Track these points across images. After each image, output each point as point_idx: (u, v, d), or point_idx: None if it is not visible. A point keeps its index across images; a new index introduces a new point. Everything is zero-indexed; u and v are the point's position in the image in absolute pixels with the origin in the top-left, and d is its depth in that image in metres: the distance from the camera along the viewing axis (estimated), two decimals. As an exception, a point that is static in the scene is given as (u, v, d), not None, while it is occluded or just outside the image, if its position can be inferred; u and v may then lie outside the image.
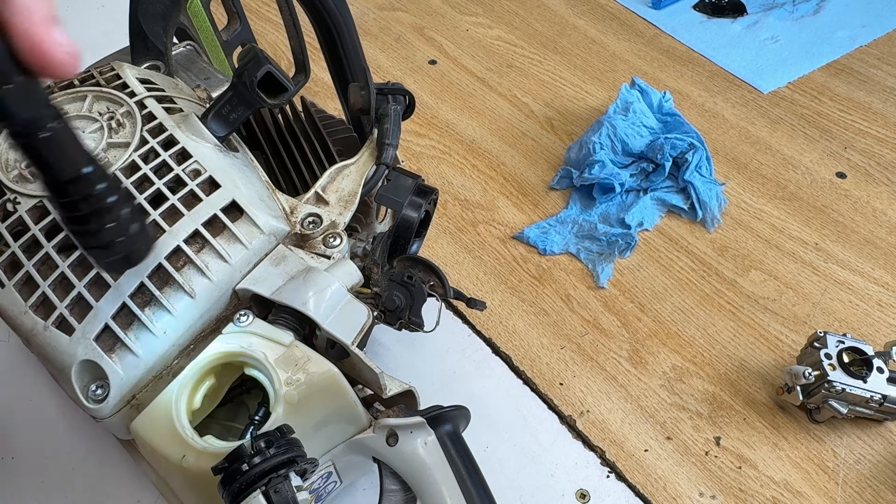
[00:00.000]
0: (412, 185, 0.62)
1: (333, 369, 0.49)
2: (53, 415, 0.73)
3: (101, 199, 0.29)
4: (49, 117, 0.26)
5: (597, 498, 0.68)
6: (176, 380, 0.48)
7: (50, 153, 0.27)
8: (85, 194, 0.28)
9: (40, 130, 0.26)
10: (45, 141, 0.26)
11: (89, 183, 0.28)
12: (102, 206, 0.29)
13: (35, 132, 0.26)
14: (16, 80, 0.24)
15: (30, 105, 0.26)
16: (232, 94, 0.54)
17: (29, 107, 0.25)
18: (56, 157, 0.27)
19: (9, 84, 0.24)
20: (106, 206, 0.29)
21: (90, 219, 0.29)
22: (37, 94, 0.26)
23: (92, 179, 0.28)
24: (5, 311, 0.51)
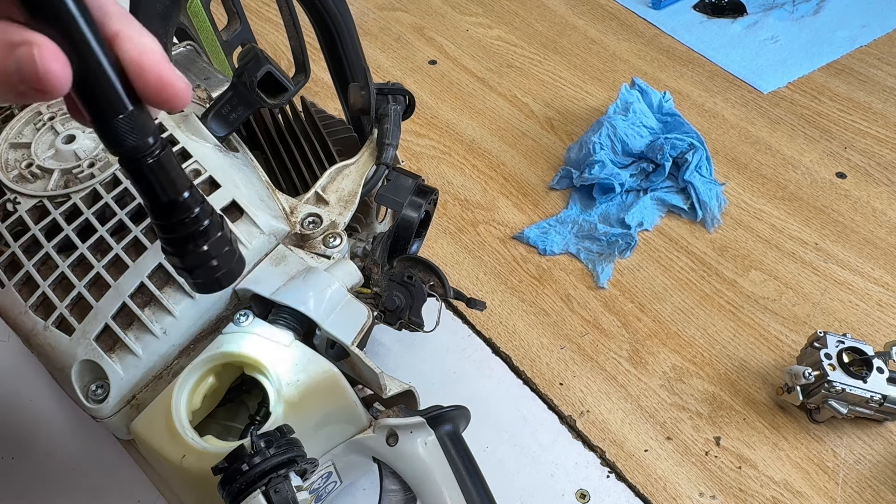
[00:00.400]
0: (412, 185, 0.62)
1: (333, 369, 0.49)
2: (53, 415, 0.73)
3: (196, 223, 0.30)
4: (156, 145, 0.28)
5: (597, 498, 0.68)
6: (176, 380, 0.48)
7: (153, 178, 0.28)
8: (181, 218, 0.30)
9: (148, 157, 0.28)
10: (149, 167, 0.28)
11: (186, 208, 0.30)
12: (197, 230, 0.30)
13: (142, 158, 0.28)
14: (129, 110, 0.26)
15: (140, 133, 0.27)
16: (232, 94, 0.54)
17: (138, 134, 0.27)
18: (158, 182, 0.29)
19: (123, 113, 0.26)
20: (200, 230, 0.30)
21: (187, 242, 0.30)
22: (146, 122, 0.27)
23: (189, 204, 0.30)
24: (5, 311, 0.51)
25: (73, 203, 0.52)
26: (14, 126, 0.57)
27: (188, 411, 0.48)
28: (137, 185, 0.29)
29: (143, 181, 0.29)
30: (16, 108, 0.59)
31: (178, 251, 0.31)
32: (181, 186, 0.29)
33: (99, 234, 0.51)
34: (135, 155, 0.28)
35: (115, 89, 0.26)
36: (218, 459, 0.43)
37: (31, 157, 0.55)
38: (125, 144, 0.27)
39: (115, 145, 0.27)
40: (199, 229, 0.30)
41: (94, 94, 0.26)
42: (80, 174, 0.53)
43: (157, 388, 0.50)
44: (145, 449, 0.49)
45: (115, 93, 0.26)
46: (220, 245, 0.31)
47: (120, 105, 0.26)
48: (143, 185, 0.29)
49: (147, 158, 0.28)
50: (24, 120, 0.57)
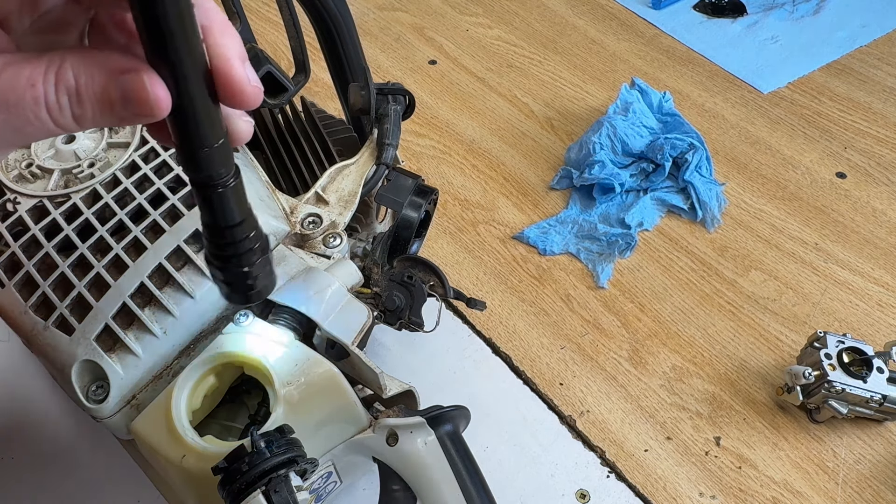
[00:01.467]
0: (412, 185, 0.62)
1: (333, 369, 0.49)
2: (53, 415, 0.73)
3: (245, 244, 0.32)
4: (230, 175, 0.29)
5: (597, 498, 0.67)
6: (176, 380, 0.48)
7: (219, 205, 0.30)
8: (239, 240, 0.31)
9: (220, 186, 0.29)
10: (219, 195, 0.29)
11: (241, 231, 0.31)
12: (244, 251, 0.32)
13: (215, 186, 0.29)
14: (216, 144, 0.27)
15: (220, 164, 0.28)
16: (232, 94, 0.54)
17: (218, 166, 0.28)
18: (222, 208, 0.30)
19: (209, 147, 0.27)
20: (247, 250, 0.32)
21: (231, 259, 0.32)
22: (227, 154, 0.28)
23: (244, 228, 0.31)
24: (5, 311, 0.51)
25: (73, 203, 0.52)
26: (14, 126, 0.56)
27: (188, 411, 0.48)
28: (203, 207, 0.30)
29: (209, 206, 0.30)
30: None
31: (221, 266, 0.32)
32: (242, 213, 0.31)
33: (99, 234, 0.51)
34: (209, 182, 0.29)
35: (208, 124, 0.27)
36: (218, 459, 0.43)
37: (31, 157, 0.55)
38: (203, 173, 0.28)
39: (194, 172, 0.28)
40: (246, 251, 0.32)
41: (186, 127, 0.26)
42: (80, 174, 0.53)
43: (157, 388, 0.50)
44: (145, 449, 0.49)
45: (207, 128, 0.27)
46: (260, 267, 0.33)
47: (209, 139, 0.27)
48: (208, 209, 0.30)
49: (219, 187, 0.29)
50: (24, 120, 0.57)
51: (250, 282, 0.33)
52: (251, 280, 0.33)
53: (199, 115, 0.26)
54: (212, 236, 0.31)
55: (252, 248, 0.32)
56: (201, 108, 0.26)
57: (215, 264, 0.33)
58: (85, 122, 0.25)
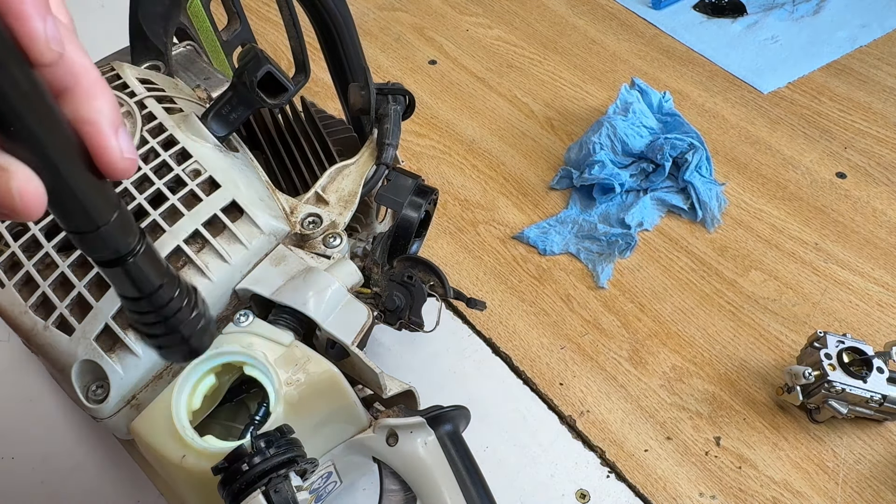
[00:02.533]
0: (412, 185, 0.62)
1: (333, 369, 0.49)
2: (53, 415, 0.73)
3: (171, 307, 0.29)
4: (138, 243, 0.26)
5: (597, 498, 0.68)
6: (176, 380, 0.48)
7: (133, 277, 0.27)
8: (158, 305, 0.29)
9: (129, 257, 0.26)
10: (128, 267, 0.26)
11: (163, 295, 0.28)
12: (172, 314, 0.29)
13: (122, 260, 0.26)
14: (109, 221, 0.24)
15: (119, 240, 0.25)
16: (232, 94, 0.54)
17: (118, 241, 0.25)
18: (139, 278, 0.27)
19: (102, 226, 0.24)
20: (176, 310, 0.29)
21: (159, 324, 0.29)
22: (127, 225, 0.25)
23: (167, 291, 0.29)
24: (5, 310, 0.51)
25: (73, 203, 0.52)
26: (14, 126, 0.56)
27: (188, 411, 0.48)
28: (115, 283, 0.27)
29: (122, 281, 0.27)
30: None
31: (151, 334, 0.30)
32: (159, 276, 0.28)
33: (99, 234, 0.51)
34: (116, 258, 0.26)
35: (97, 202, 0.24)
36: (218, 459, 0.43)
37: (31, 157, 0.54)
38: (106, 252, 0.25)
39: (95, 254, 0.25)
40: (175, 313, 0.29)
41: (72, 213, 0.24)
42: (80, 174, 0.53)
43: (157, 388, 0.50)
44: (145, 449, 0.49)
45: (97, 207, 0.24)
46: (193, 323, 0.30)
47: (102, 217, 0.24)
48: (121, 284, 0.27)
49: (128, 259, 0.26)
50: (24, 120, 0.57)
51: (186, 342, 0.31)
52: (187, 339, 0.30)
53: (82, 198, 0.23)
54: (133, 308, 0.29)
55: (180, 307, 0.29)
56: (84, 190, 0.23)
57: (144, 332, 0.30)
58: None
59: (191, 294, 0.31)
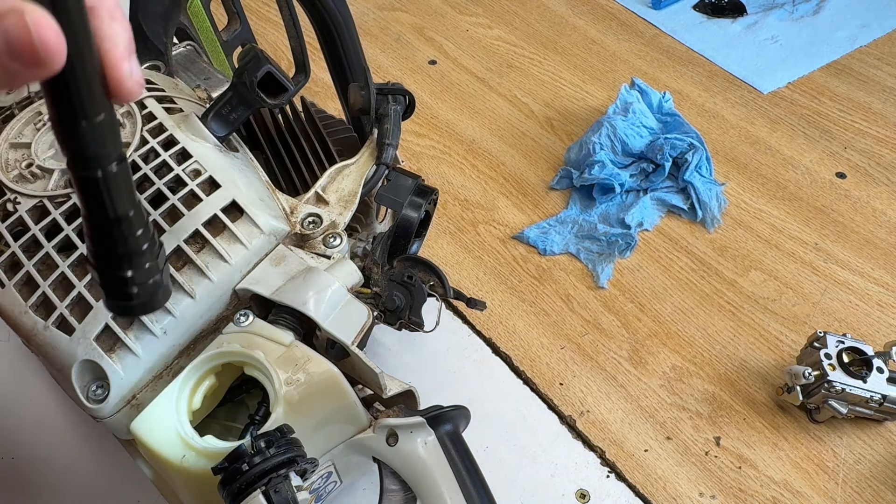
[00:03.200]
0: (412, 185, 0.62)
1: (333, 369, 0.49)
2: (53, 415, 0.73)
3: (137, 242, 0.28)
4: (117, 156, 0.26)
5: (597, 498, 0.68)
6: (176, 380, 0.48)
7: (105, 192, 0.26)
8: (124, 236, 0.27)
9: (105, 168, 0.25)
10: (103, 180, 0.25)
11: (130, 225, 0.27)
12: (135, 250, 0.28)
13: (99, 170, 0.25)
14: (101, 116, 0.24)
15: (107, 141, 0.25)
16: (232, 94, 0.54)
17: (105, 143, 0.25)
18: (109, 197, 0.26)
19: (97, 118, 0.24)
20: (139, 250, 0.28)
21: (121, 262, 0.28)
22: (114, 130, 0.25)
23: (133, 222, 0.27)
24: (5, 310, 0.51)
25: (74, 203, 0.52)
26: (14, 126, 0.57)
27: (188, 411, 0.48)
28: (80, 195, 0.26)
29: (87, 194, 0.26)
30: (16, 108, 0.59)
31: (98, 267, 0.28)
32: (124, 207, 0.27)
33: (99, 234, 0.51)
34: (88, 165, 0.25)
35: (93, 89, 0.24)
36: (218, 459, 0.43)
37: (32, 157, 0.55)
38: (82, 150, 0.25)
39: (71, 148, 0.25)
40: (135, 250, 0.28)
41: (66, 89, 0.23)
42: (80, 174, 0.53)
43: (157, 388, 0.50)
44: (145, 449, 0.49)
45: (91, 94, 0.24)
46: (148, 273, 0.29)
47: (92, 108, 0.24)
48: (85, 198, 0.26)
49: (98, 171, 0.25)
50: (25, 120, 0.57)
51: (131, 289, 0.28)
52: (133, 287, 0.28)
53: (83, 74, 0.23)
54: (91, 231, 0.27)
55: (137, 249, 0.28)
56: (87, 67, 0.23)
57: (92, 264, 0.28)
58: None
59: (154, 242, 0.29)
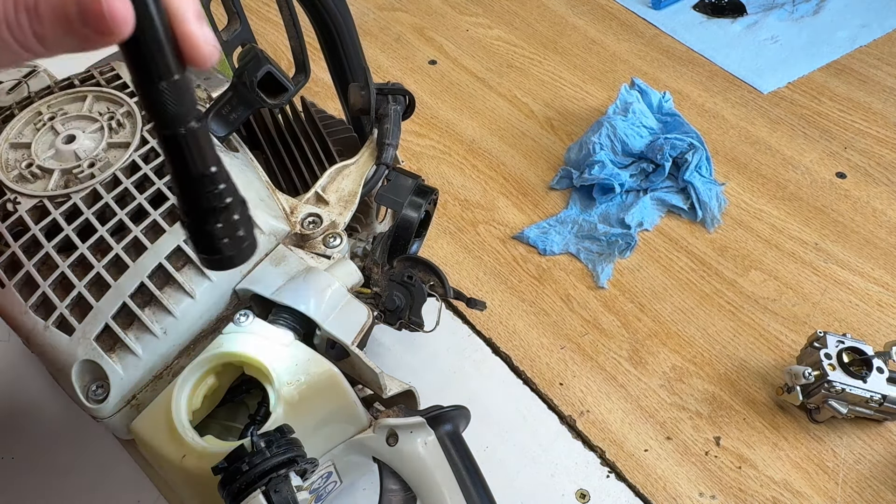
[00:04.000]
0: (412, 185, 0.62)
1: (333, 369, 0.49)
2: (53, 415, 0.73)
3: (221, 197, 0.30)
4: (195, 115, 0.27)
5: (597, 498, 0.68)
6: (176, 380, 0.48)
7: (188, 149, 0.28)
8: (207, 192, 0.29)
9: (185, 126, 0.27)
10: (185, 137, 0.27)
11: (213, 181, 0.29)
12: (220, 206, 0.30)
13: (181, 127, 0.27)
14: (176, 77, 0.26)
15: (184, 101, 0.27)
16: (232, 94, 0.54)
17: (183, 102, 0.27)
18: (192, 153, 0.28)
19: (172, 78, 0.26)
20: (224, 205, 0.30)
21: (207, 216, 0.30)
22: (190, 90, 0.27)
23: (217, 178, 0.29)
24: (5, 311, 0.51)
25: (73, 203, 0.52)
26: (14, 126, 0.57)
27: (188, 411, 0.48)
28: (172, 154, 0.28)
29: (175, 152, 0.28)
30: (16, 108, 0.59)
31: (194, 223, 0.30)
32: (210, 161, 0.29)
33: (99, 234, 0.51)
34: (174, 124, 0.27)
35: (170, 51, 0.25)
36: (218, 459, 0.43)
37: (32, 157, 0.55)
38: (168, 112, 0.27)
39: (153, 108, 0.27)
40: (220, 206, 0.30)
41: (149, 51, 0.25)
42: (80, 174, 0.53)
43: (157, 388, 0.50)
44: (145, 449, 0.49)
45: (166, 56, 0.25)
46: (235, 226, 0.31)
47: (169, 69, 0.26)
48: (174, 156, 0.28)
49: (186, 128, 0.27)
50: (25, 120, 0.57)
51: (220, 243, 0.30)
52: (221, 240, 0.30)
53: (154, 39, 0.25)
54: (178, 188, 0.29)
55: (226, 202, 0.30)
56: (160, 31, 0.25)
57: (187, 222, 0.30)
58: (47, 42, 0.24)
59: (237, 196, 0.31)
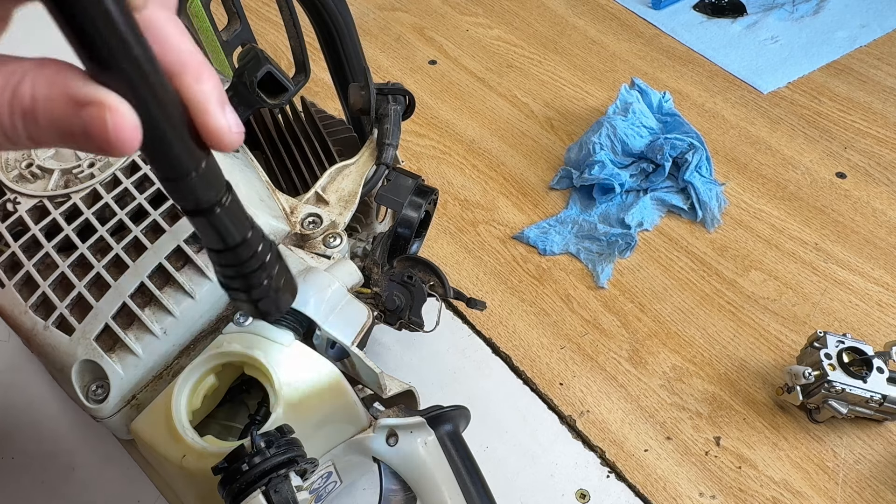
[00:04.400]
0: (412, 185, 0.62)
1: (333, 369, 0.49)
2: (53, 415, 0.73)
3: (260, 258, 0.30)
4: (225, 193, 0.27)
5: (597, 498, 0.68)
6: (176, 380, 0.48)
7: (223, 226, 0.28)
8: (247, 256, 0.30)
9: (218, 206, 0.27)
10: (218, 216, 0.27)
11: (251, 246, 0.30)
12: (260, 265, 0.30)
13: (213, 209, 0.27)
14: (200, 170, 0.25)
15: (211, 187, 0.27)
16: (232, 95, 0.54)
17: (210, 189, 0.26)
18: (227, 228, 0.28)
19: (194, 173, 0.25)
20: (264, 263, 0.31)
21: (250, 276, 0.31)
22: (216, 173, 0.27)
23: (253, 242, 0.30)
24: (5, 311, 0.51)
25: (74, 203, 0.52)
26: (14, 126, 0.56)
27: (188, 411, 0.48)
28: (207, 234, 0.28)
29: (214, 230, 0.28)
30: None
31: (244, 286, 0.31)
32: (247, 226, 0.29)
33: (99, 234, 0.51)
34: (202, 208, 0.27)
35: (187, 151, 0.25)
36: (218, 459, 0.43)
37: (31, 156, 0.55)
38: (197, 201, 0.26)
39: (183, 202, 0.26)
40: (260, 265, 0.30)
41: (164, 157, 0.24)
42: (80, 174, 0.53)
43: (157, 388, 0.50)
44: (145, 449, 0.49)
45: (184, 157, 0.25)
46: (280, 275, 0.32)
47: (189, 166, 0.25)
48: (213, 234, 0.28)
49: (217, 208, 0.27)
50: (24, 120, 0.57)
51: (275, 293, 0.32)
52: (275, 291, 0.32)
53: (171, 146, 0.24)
54: (221, 260, 0.30)
55: (265, 260, 0.30)
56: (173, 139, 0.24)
57: (234, 287, 0.31)
58: (42, 144, 0.23)
59: (274, 247, 0.31)
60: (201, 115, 0.24)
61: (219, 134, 0.25)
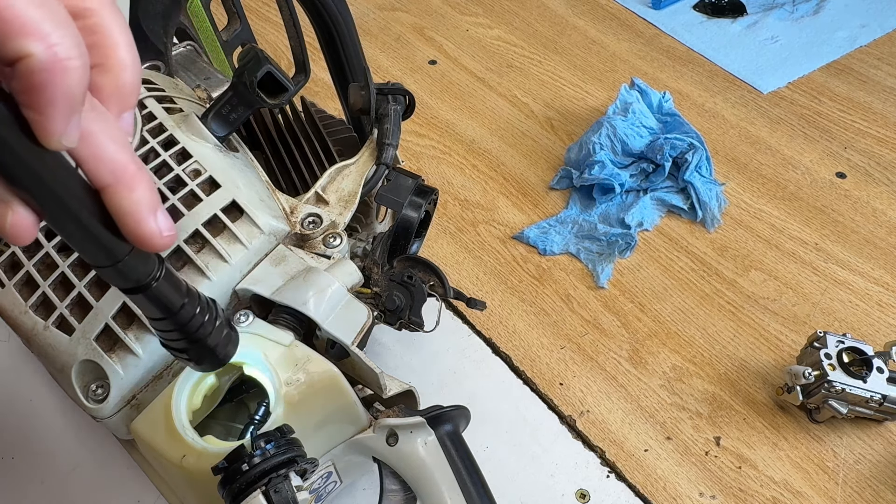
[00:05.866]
0: (412, 185, 0.62)
1: (333, 369, 0.49)
2: (53, 415, 0.73)
3: (194, 324, 0.32)
4: (157, 270, 0.29)
5: (597, 498, 0.68)
6: (176, 380, 0.48)
7: (159, 298, 0.30)
8: (186, 319, 0.31)
9: (152, 282, 0.29)
10: (155, 289, 0.29)
11: (188, 310, 0.31)
12: (195, 329, 0.32)
13: (146, 286, 0.29)
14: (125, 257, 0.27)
15: (146, 264, 0.28)
16: (232, 94, 0.54)
17: (145, 265, 0.28)
18: (165, 298, 0.30)
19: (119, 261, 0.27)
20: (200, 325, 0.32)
21: (185, 339, 0.32)
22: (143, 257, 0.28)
23: (190, 307, 0.31)
24: (5, 310, 0.51)
25: (73, 203, 0.52)
26: (14, 126, 0.56)
27: (188, 411, 0.48)
28: (147, 307, 0.30)
29: (151, 304, 0.29)
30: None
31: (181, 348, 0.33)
32: (180, 297, 0.31)
33: (99, 234, 0.51)
34: (138, 286, 0.28)
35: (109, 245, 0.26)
36: (218, 459, 0.43)
37: (31, 157, 0.54)
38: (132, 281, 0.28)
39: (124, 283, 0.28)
40: (199, 326, 0.32)
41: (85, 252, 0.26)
42: (80, 174, 0.53)
43: (157, 388, 0.50)
44: (145, 449, 0.49)
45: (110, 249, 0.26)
46: (218, 332, 0.33)
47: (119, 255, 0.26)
48: (151, 307, 0.30)
49: (153, 283, 0.28)
50: (24, 120, 0.57)
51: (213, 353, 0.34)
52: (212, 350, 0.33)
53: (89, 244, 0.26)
54: (161, 327, 0.31)
55: (202, 322, 0.32)
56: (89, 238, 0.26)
57: (175, 348, 0.33)
58: None
59: (211, 308, 0.33)
60: (132, 224, 0.26)
61: (150, 239, 0.26)
